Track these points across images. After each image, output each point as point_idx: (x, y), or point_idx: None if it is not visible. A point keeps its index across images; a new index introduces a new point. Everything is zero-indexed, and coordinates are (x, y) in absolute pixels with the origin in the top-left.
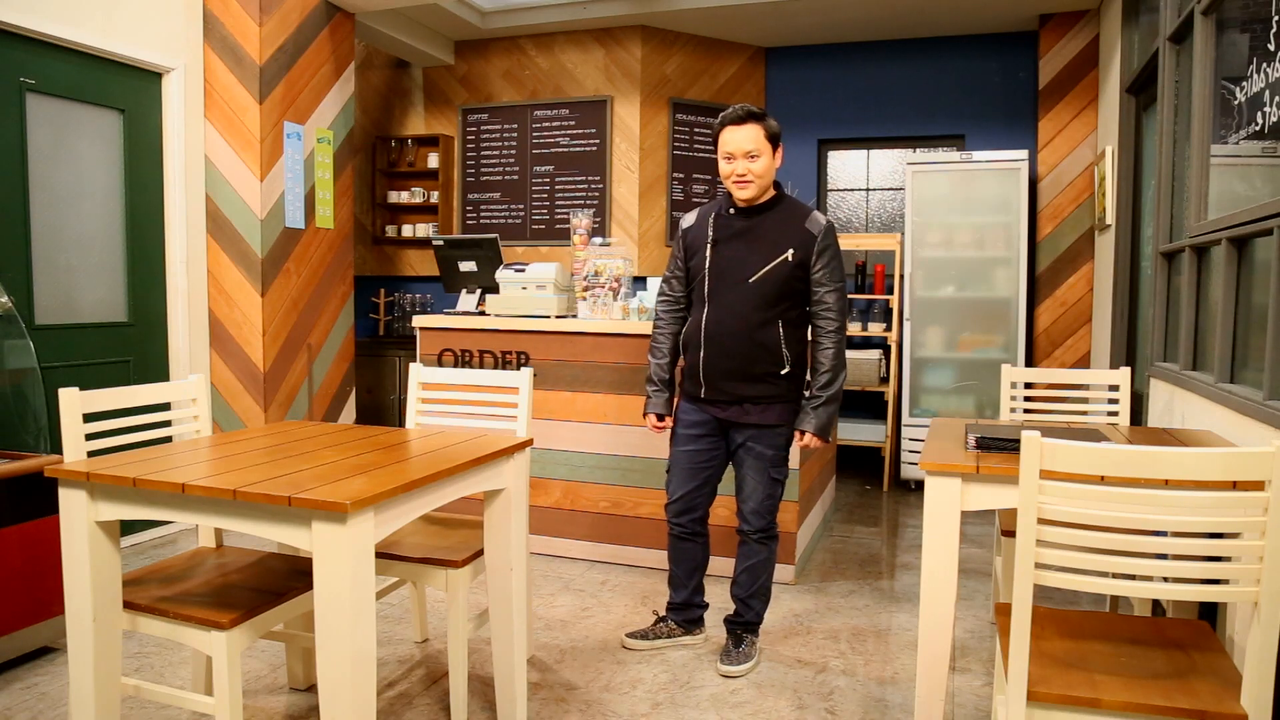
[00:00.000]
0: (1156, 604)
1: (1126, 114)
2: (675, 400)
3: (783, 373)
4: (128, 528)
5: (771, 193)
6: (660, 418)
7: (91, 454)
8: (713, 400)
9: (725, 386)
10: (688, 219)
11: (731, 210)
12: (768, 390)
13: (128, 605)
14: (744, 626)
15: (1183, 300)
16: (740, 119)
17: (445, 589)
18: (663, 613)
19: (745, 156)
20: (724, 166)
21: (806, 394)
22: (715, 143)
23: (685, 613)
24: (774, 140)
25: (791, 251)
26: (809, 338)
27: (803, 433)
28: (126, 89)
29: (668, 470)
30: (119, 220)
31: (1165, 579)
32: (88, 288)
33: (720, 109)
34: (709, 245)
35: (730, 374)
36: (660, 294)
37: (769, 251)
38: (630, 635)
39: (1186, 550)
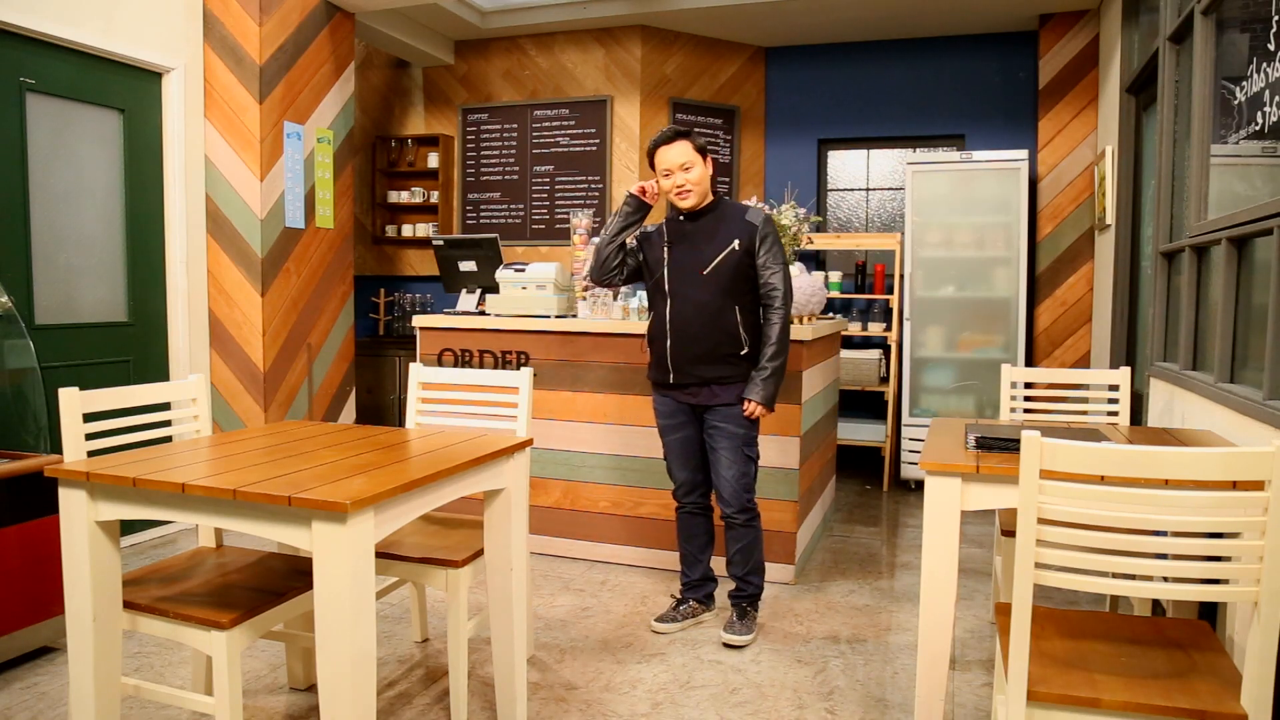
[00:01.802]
0: (1156, 604)
1: (1126, 114)
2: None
3: (742, 353)
4: (127, 527)
5: (711, 198)
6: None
7: (91, 454)
8: (681, 385)
9: (692, 370)
10: (648, 228)
11: (681, 217)
12: (730, 371)
13: (128, 605)
14: (748, 599)
15: (1183, 300)
16: (670, 138)
17: (445, 589)
18: (678, 595)
19: (680, 169)
20: (664, 183)
21: (755, 367)
22: (651, 164)
23: (702, 589)
24: (702, 152)
25: (738, 242)
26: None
27: (749, 401)
28: (126, 89)
29: (665, 458)
30: (119, 220)
31: (1165, 579)
32: (88, 288)
33: (721, 109)
34: (665, 247)
35: (696, 358)
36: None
37: (718, 245)
38: (658, 620)
39: (1186, 550)
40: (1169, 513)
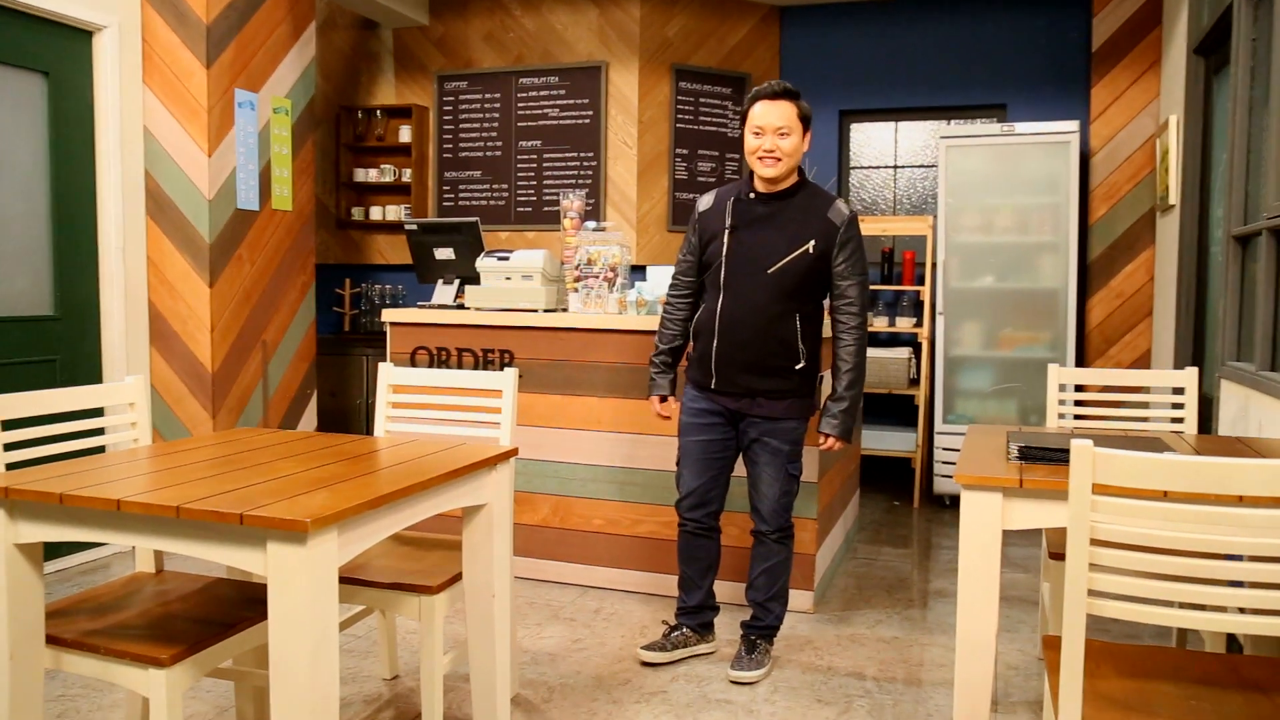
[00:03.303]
0: (1231, 639)
1: (1194, 78)
2: (678, 386)
3: (797, 367)
4: (52, 551)
5: (795, 178)
6: (663, 399)
7: (10, 466)
8: (722, 391)
9: (737, 379)
10: (704, 201)
11: (752, 195)
12: (780, 384)
13: (51, 640)
14: (762, 632)
15: (1259, 290)
16: (775, 94)
17: (418, 618)
18: (673, 621)
19: (775, 133)
20: (751, 141)
21: (829, 394)
22: (743, 120)
23: (698, 616)
24: (805, 122)
25: (813, 243)
26: (826, 333)
27: (825, 435)
28: (50, 49)
29: (678, 463)
30: (43, 199)
31: (1241, 610)
32: (5, 276)
33: (729, 76)
34: (726, 231)
35: (743, 366)
36: (672, 278)
37: (790, 242)
38: (646, 648)
39: (1265, 577)
40: (1243, 534)
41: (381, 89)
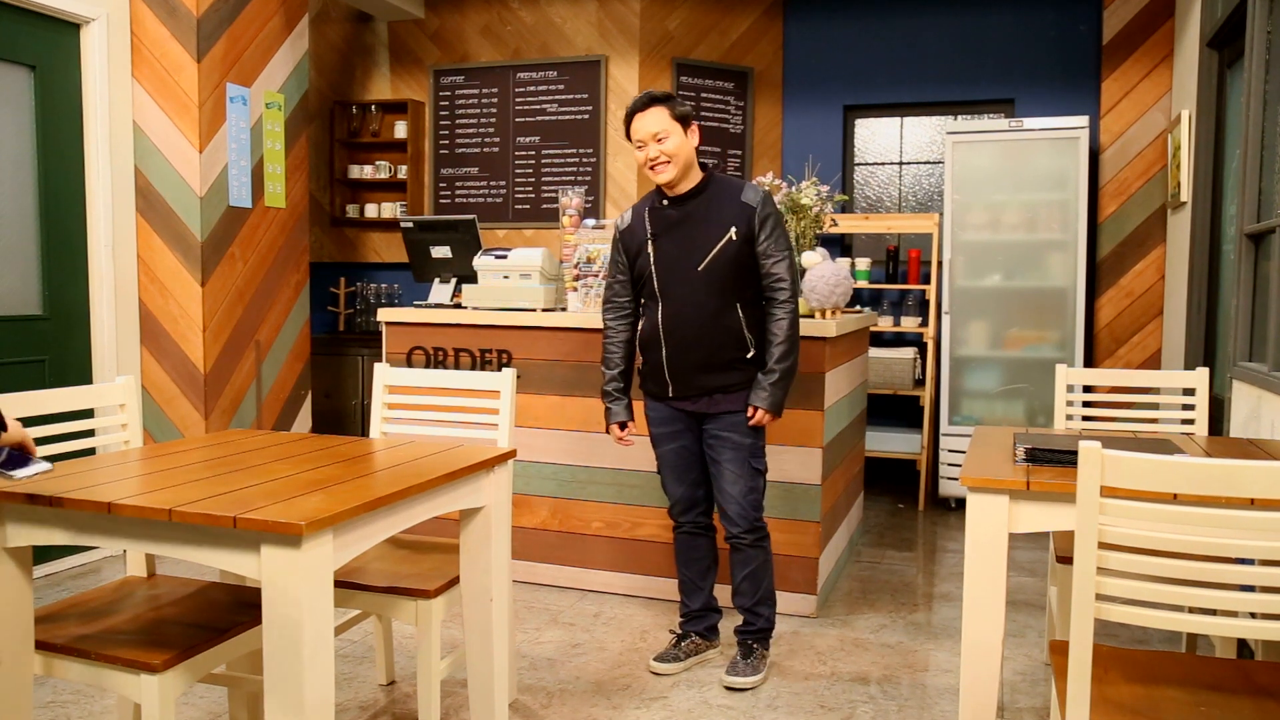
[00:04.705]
0: (1243, 644)
1: (1207, 72)
2: (634, 404)
3: (749, 356)
4: (41, 554)
5: (699, 175)
6: (623, 426)
7: None
8: (681, 396)
9: (694, 381)
10: (623, 219)
11: (664, 201)
12: (737, 378)
13: (40, 645)
14: (756, 636)
15: (1272, 289)
16: (643, 105)
17: (415, 623)
18: (679, 629)
19: (654, 140)
20: (639, 156)
21: (761, 369)
22: (628, 137)
23: (704, 620)
24: (683, 120)
25: (734, 229)
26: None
27: (755, 409)
28: (37, 41)
29: (659, 472)
30: (31, 196)
31: (1252, 615)
32: None
33: (732, 71)
34: (649, 241)
35: (698, 367)
36: (605, 302)
37: (712, 234)
38: (657, 659)
39: (1276, 581)
40: (1254, 537)
41: (376, 83)
